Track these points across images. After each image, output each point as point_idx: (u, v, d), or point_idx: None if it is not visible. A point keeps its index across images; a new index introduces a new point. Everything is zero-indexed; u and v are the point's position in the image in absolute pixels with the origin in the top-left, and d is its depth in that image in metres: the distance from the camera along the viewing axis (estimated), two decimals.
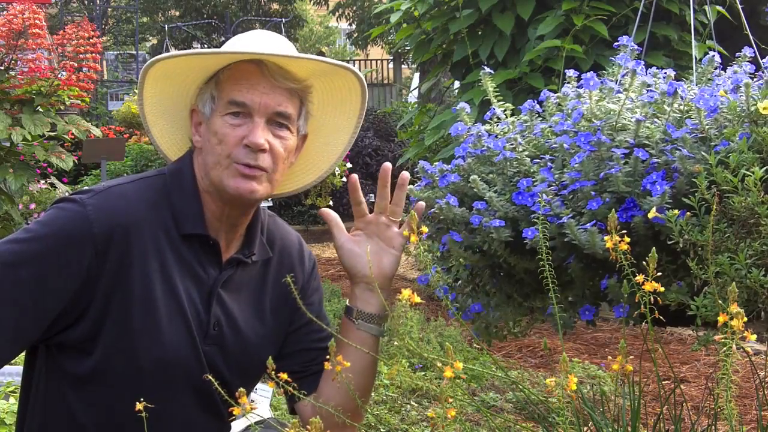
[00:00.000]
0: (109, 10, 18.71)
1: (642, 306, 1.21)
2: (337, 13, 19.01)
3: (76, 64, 4.50)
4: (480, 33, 5.00)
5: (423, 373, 4.00)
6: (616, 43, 1.74)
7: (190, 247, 1.55)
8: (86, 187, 1.55)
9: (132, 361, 1.49)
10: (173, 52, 1.56)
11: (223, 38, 16.84)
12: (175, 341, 1.52)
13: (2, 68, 4.40)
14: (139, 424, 1.34)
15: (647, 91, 1.58)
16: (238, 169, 1.52)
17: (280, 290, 1.67)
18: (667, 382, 3.42)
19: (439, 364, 1.24)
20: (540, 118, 1.70)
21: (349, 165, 8.84)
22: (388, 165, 1.60)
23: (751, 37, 1.85)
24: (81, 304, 1.47)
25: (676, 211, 1.26)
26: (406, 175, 1.58)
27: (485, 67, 1.87)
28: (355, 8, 18.64)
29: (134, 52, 16.45)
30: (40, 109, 4.44)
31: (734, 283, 1.15)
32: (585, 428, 1.40)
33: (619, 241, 1.22)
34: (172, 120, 1.65)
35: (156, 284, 1.50)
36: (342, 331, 1.63)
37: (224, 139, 1.52)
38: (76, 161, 5.04)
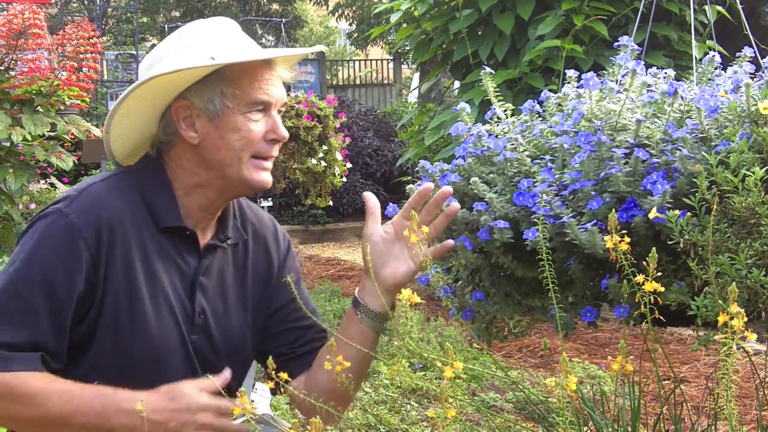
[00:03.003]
0: (109, 10, 18.71)
1: (642, 306, 1.21)
2: (337, 13, 19.01)
3: (76, 64, 4.49)
4: (480, 33, 5.00)
5: (423, 373, 4.00)
6: (616, 43, 1.74)
7: (169, 239, 1.57)
8: (61, 195, 1.56)
9: (123, 356, 1.51)
10: (181, 65, 1.50)
11: None
12: (163, 334, 1.54)
13: (2, 68, 4.40)
14: None
15: (647, 91, 1.58)
16: (257, 163, 1.56)
17: (259, 272, 1.70)
18: (667, 382, 3.42)
19: (439, 364, 1.24)
20: (540, 119, 1.70)
21: (349, 165, 8.83)
22: (448, 190, 1.53)
23: (751, 37, 1.85)
24: (83, 309, 1.49)
25: (676, 212, 1.26)
26: (456, 206, 1.52)
27: (485, 67, 1.87)
28: (355, 8, 18.63)
29: (134, 52, 16.44)
30: (40, 109, 4.43)
31: (734, 283, 1.15)
32: (585, 428, 1.40)
33: (619, 241, 1.22)
34: (136, 118, 1.58)
35: (140, 279, 1.52)
36: (347, 317, 1.65)
37: (249, 135, 1.54)
38: (76, 161, 5.04)
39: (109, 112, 1.55)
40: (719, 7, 4.37)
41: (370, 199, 1.60)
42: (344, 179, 8.77)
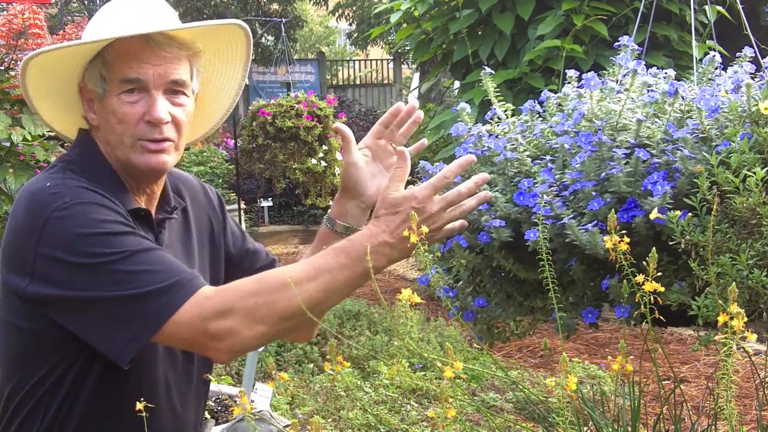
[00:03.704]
0: None
1: (642, 306, 1.21)
2: (337, 13, 19.01)
3: None
4: (480, 33, 5.01)
5: (423, 373, 4.00)
6: (617, 43, 1.74)
7: None
8: (39, 201, 1.48)
9: None
10: (51, 45, 1.53)
11: None
12: None
13: (2, 68, 4.40)
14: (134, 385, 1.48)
15: (648, 91, 1.58)
16: (144, 145, 1.52)
17: (203, 232, 1.74)
18: (667, 382, 3.41)
19: (439, 364, 1.24)
20: (540, 119, 1.70)
21: None
22: (415, 103, 1.67)
23: (751, 37, 1.85)
24: None
25: (677, 212, 1.26)
26: (421, 114, 1.66)
27: (485, 67, 1.87)
28: (355, 8, 18.63)
29: None
30: None
31: (735, 283, 1.15)
32: (585, 428, 1.40)
33: (619, 242, 1.22)
34: (58, 98, 1.60)
35: None
36: (324, 238, 1.66)
37: (124, 118, 1.50)
38: None
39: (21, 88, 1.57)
40: (719, 7, 4.37)
41: (343, 128, 1.64)
42: None
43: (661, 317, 1.23)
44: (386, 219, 1.42)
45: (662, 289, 1.20)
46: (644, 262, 1.21)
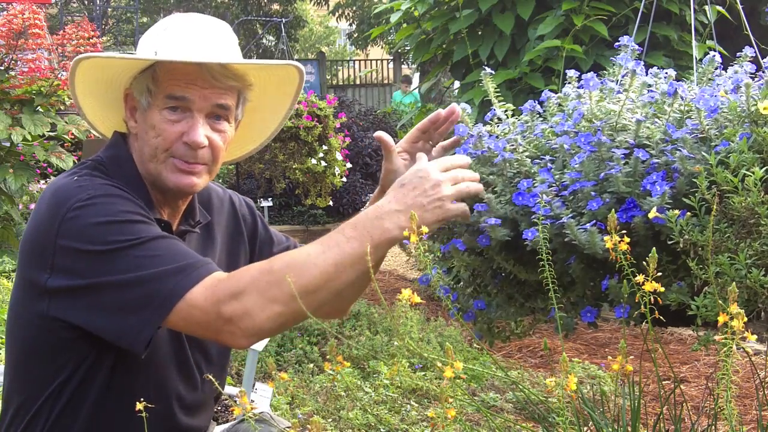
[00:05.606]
0: (109, 10, 18.70)
1: (642, 306, 1.21)
2: (337, 13, 19.02)
3: None
4: (480, 33, 5.01)
5: (423, 373, 4.00)
6: (617, 43, 1.74)
7: None
8: (63, 194, 1.48)
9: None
10: (104, 53, 1.56)
11: None
12: None
13: (2, 68, 4.40)
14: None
15: (647, 91, 1.58)
16: (176, 164, 1.54)
17: (227, 244, 1.75)
18: (667, 382, 3.41)
19: (439, 364, 1.24)
20: (541, 119, 1.70)
21: (349, 165, 8.83)
22: (440, 111, 1.68)
23: (751, 37, 1.85)
24: None
25: (676, 212, 1.26)
26: (459, 114, 1.68)
27: (485, 67, 1.87)
28: (355, 8, 18.65)
29: (134, 52, 16.37)
30: (40, 109, 4.44)
31: (734, 283, 1.15)
32: (585, 428, 1.40)
33: (619, 242, 1.23)
34: (103, 100, 1.63)
35: None
36: None
37: (162, 134, 1.52)
38: (76, 161, 5.04)
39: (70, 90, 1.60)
40: (719, 7, 4.37)
41: (384, 137, 1.63)
42: (344, 179, 8.77)
43: (661, 317, 1.23)
44: (394, 191, 1.45)
45: (662, 289, 1.20)
46: (644, 262, 1.21)
